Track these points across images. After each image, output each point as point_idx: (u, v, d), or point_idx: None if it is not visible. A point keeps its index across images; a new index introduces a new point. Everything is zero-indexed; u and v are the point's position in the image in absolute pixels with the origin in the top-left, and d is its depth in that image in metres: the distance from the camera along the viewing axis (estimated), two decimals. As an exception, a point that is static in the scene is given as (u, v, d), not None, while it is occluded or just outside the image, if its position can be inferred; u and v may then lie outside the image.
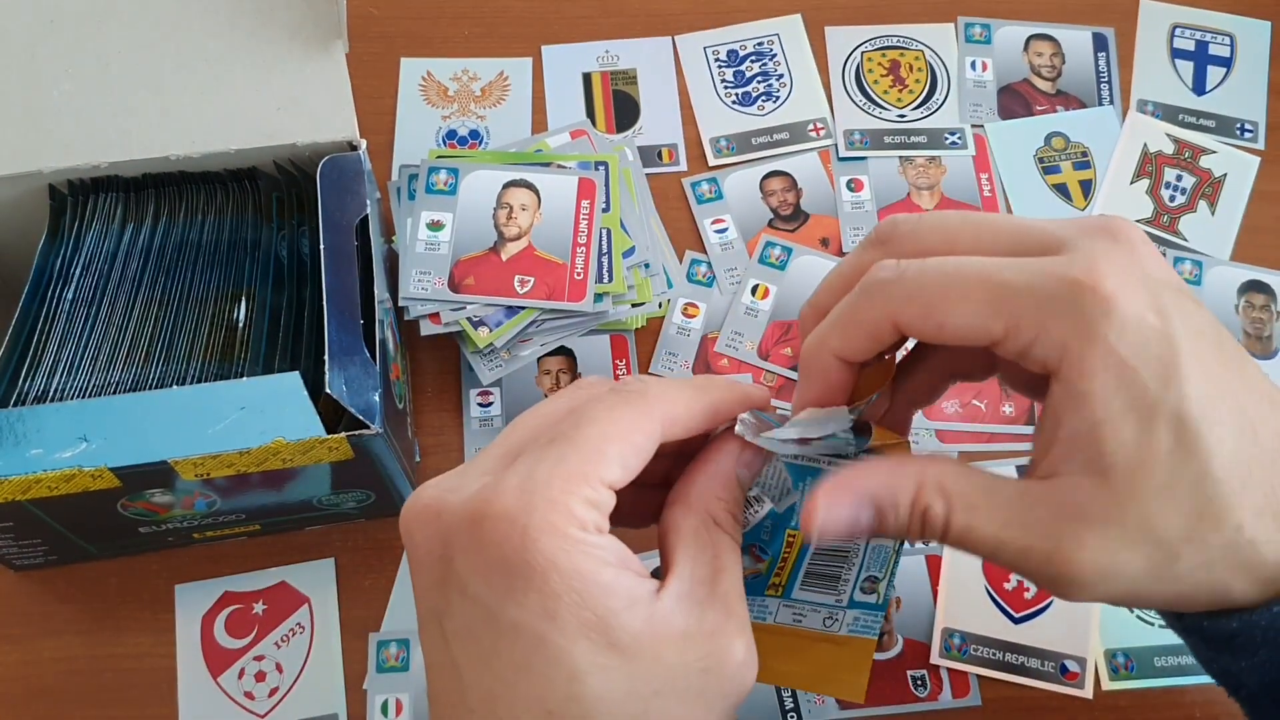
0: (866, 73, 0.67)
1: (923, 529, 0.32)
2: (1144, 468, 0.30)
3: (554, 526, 0.30)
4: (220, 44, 0.52)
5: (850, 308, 0.34)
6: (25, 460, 0.42)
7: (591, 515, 0.31)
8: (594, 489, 0.31)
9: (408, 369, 0.56)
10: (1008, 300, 0.31)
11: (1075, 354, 0.30)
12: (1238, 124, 0.66)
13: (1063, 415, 0.31)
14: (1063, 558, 0.31)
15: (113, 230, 0.50)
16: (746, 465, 0.35)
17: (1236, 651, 0.34)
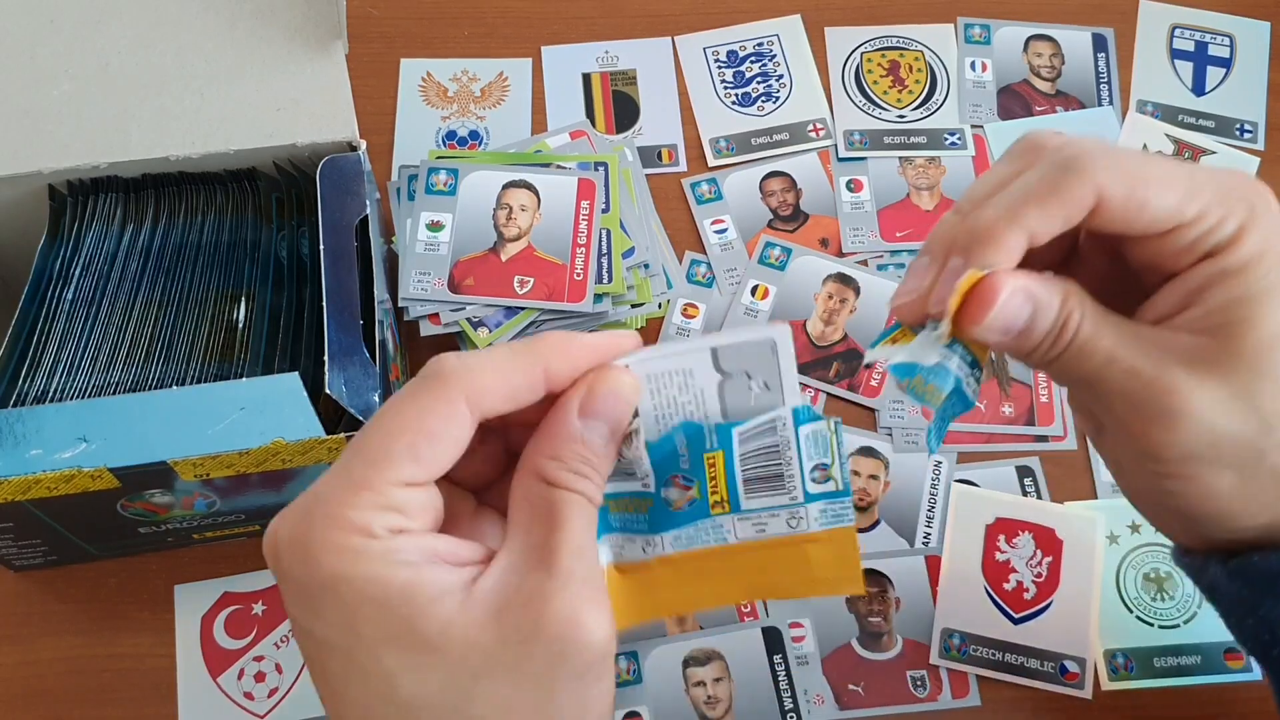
0: (866, 73, 0.67)
1: (1059, 333, 0.34)
2: (1270, 346, 0.32)
3: (334, 543, 0.29)
4: (220, 44, 0.52)
5: (1051, 180, 0.33)
6: (25, 460, 0.42)
7: (382, 519, 0.29)
8: (379, 493, 0.29)
9: (407, 370, 0.56)
10: (1202, 187, 0.33)
11: (1246, 238, 0.33)
12: (1237, 124, 0.66)
13: (1210, 285, 0.33)
14: (1165, 386, 0.33)
15: (112, 231, 0.50)
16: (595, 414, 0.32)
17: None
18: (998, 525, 0.54)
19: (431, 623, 0.29)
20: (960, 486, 0.55)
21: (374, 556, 0.29)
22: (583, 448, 0.32)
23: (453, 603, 0.29)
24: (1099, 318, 0.34)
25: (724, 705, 0.50)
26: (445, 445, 0.30)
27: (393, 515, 0.30)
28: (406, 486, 0.30)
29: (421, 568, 0.30)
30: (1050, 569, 0.53)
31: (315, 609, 0.30)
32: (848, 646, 0.52)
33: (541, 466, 0.31)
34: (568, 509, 0.31)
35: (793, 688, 0.50)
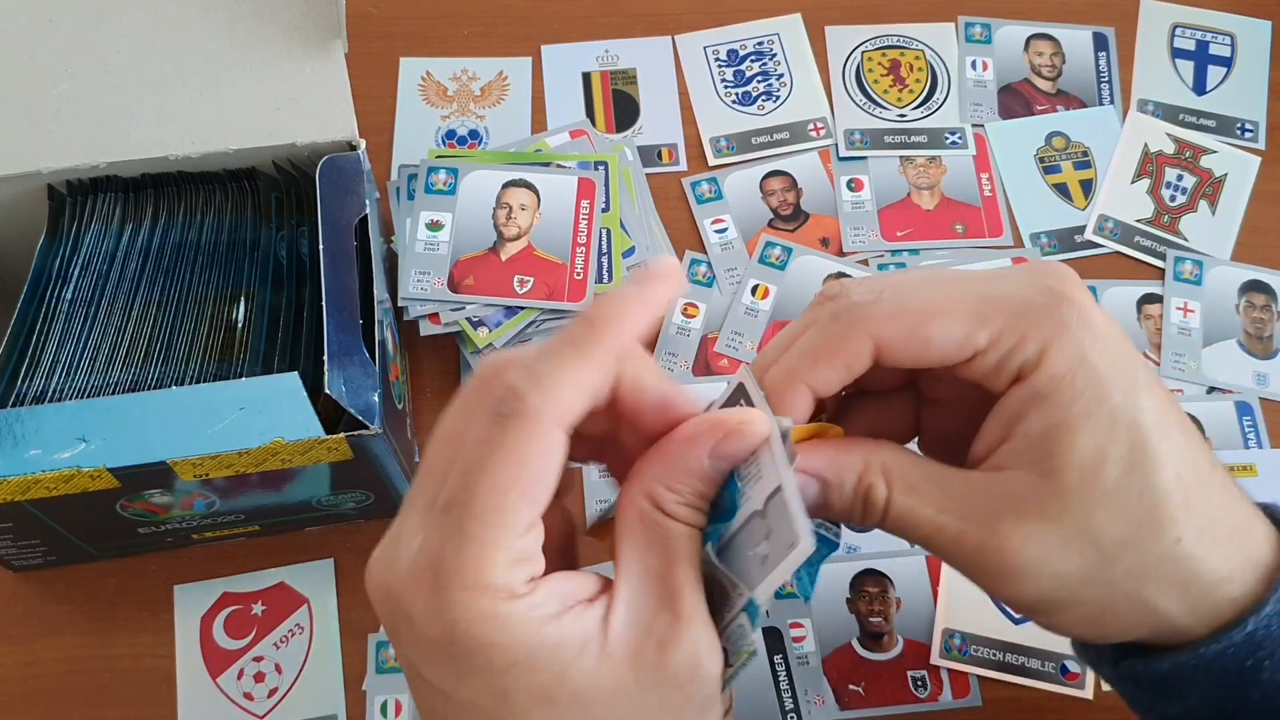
0: (866, 72, 0.67)
1: (865, 509, 0.33)
2: (1094, 471, 0.31)
3: (479, 611, 0.28)
4: (219, 44, 0.52)
5: (825, 335, 0.33)
6: (24, 461, 0.42)
7: (517, 574, 0.29)
8: (508, 549, 0.28)
9: (407, 369, 0.56)
10: (991, 310, 0.31)
11: (1052, 355, 0.31)
12: (1238, 124, 0.66)
13: (1024, 413, 0.31)
14: (995, 546, 0.31)
15: (111, 230, 0.50)
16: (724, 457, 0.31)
17: (1171, 695, 0.34)
18: (998, 525, 0.54)
19: (580, 676, 0.29)
20: (961, 486, 0.55)
21: (521, 619, 0.29)
22: (703, 484, 0.31)
23: (595, 650, 0.29)
24: (917, 484, 0.32)
25: (724, 705, 0.50)
26: (552, 478, 0.29)
27: (528, 565, 0.29)
28: (526, 531, 0.29)
29: (563, 619, 0.29)
30: (1051, 569, 0.53)
31: (460, 674, 0.29)
32: (848, 646, 0.51)
33: (660, 496, 0.31)
34: (685, 543, 0.31)
35: (793, 688, 0.50)
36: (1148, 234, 0.62)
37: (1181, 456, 0.31)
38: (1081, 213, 0.63)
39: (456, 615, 0.28)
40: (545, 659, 0.29)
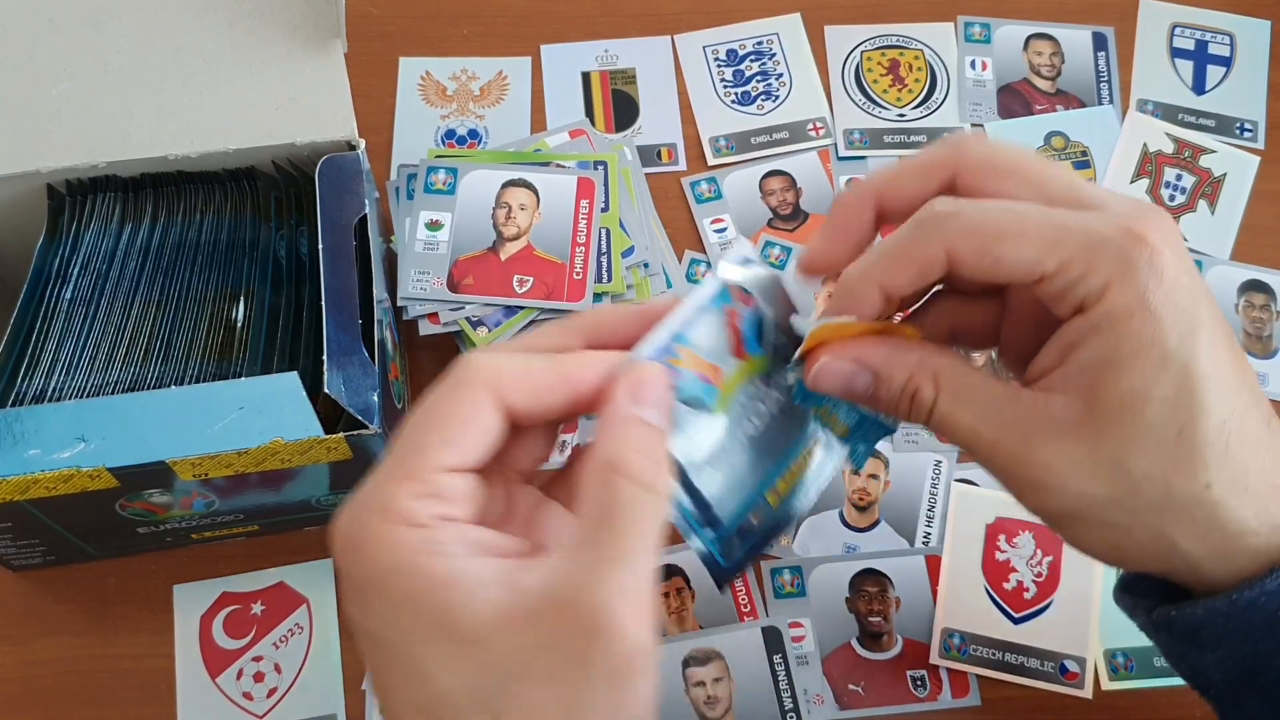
0: (866, 72, 0.67)
1: (911, 407, 0.34)
2: (1135, 407, 0.32)
3: (381, 535, 0.30)
4: (219, 44, 0.52)
5: (904, 240, 0.34)
6: (23, 460, 0.42)
7: (424, 507, 0.30)
8: (422, 480, 0.30)
9: (406, 369, 0.56)
10: (1064, 238, 0.32)
11: (1114, 292, 0.32)
12: (1237, 123, 0.66)
13: (1079, 343, 0.32)
14: (1028, 459, 0.33)
15: (111, 230, 0.50)
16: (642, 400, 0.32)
17: (1203, 644, 0.35)
18: (998, 525, 0.54)
19: (468, 617, 0.29)
20: (960, 486, 0.55)
21: (418, 548, 0.30)
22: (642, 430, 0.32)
23: (492, 596, 0.29)
24: (961, 391, 0.34)
25: (724, 705, 0.50)
26: (476, 432, 0.31)
27: (436, 502, 0.31)
28: (447, 472, 0.31)
29: (463, 559, 0.30)
30: (1050, 568, 0.53)
31: (365, 604, 0.31)
32: (848, 646, 0.51)
33: (614, 455, 0.31)
34: (640, 508, 0.31)
35: (793, 687, 0.50)
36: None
37: (1231, 408, 0.32)
38: (1081, 212, 0.63)
39: (363, 537, 0.30)
40: (435, 593, 0.29)
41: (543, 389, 0.32)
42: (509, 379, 0.32)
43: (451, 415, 0.31)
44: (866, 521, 0.54)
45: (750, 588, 0.52)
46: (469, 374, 0.32)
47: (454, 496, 0.31)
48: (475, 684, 0.29)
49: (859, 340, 0.35)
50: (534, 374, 0.32)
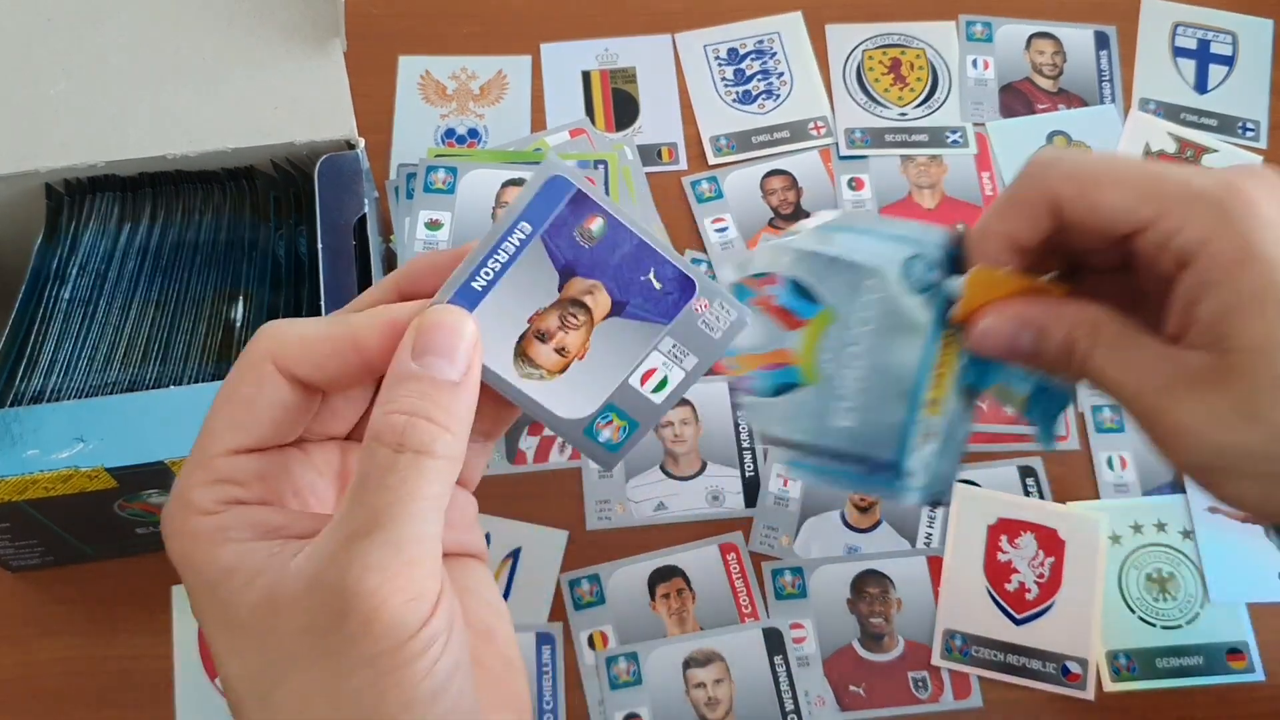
0: (867, 71, 0.67)
1: (1067, 359, 0.35)
2: (1265, 353, 0.32)
3: (181, 528, 0.30)
4: (218, 43, 0.52)
5: (1011, 188, 0.36)
6: (22, 461, 0.41)
7: (213, 493, 0.30)
8: (209, 468, 0.30)
9: (406, 369, 0.56)
10: (1160, 189, 0.33)
11: (1216, 244, 0.32)
12: (1240, 123, 0.66)
13: (1197, 299, 0.33)
14: (1165, 410, 0.33)
15: (109, 230, 0.50)
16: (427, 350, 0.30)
17: None
18: (1000, 526, 0.54)
19: (243, 606, 0.28)
20: (962, 487, 0.55)
21: (206, 537, 0.29)
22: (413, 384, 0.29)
23: (265, 582, 0.28)
24: (1113, 343, 0.34)
25: (724, 707, 0.50)
26: (262, 409, 0.30)
27: (224, 487, 0.30)
28: (233, 455, 0.30)
29: (245, 545, 0.29)
30: (1052, 569, 0.53)
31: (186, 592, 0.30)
32: (849, 647, 0.51)
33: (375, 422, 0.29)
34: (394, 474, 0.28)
35: (793, 689, 0.50)
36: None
37: None
38: (1083, 212, 0.63)
39: (168, 530, 0.30)
40: (218, 583, 0.29)
41: (324, 357, 0.30)
42: (291, 350, 0.30)
43: (236, 395, 0.30)
44: (868, 522, 0.54)
45: (751, 589, 0.52)
46: (253, 349, 0.31)
47: (243, 479, 0.30)
48: (251, 671, 0.29)
49: (1017, 299, 0.35)
50: (313, 342, 0.30)
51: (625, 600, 0.52)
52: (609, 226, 0.32)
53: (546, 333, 0.32)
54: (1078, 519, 0.54)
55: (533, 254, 0.31)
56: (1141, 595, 0.52)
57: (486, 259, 0.31)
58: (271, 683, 0.29)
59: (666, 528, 0.54)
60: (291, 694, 0.28)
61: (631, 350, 0.32)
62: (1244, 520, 0.54)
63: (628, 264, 0.32)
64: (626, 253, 0.32)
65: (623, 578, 0.52)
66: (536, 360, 0.32)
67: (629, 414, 0.32)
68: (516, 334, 0.32)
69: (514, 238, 0.31)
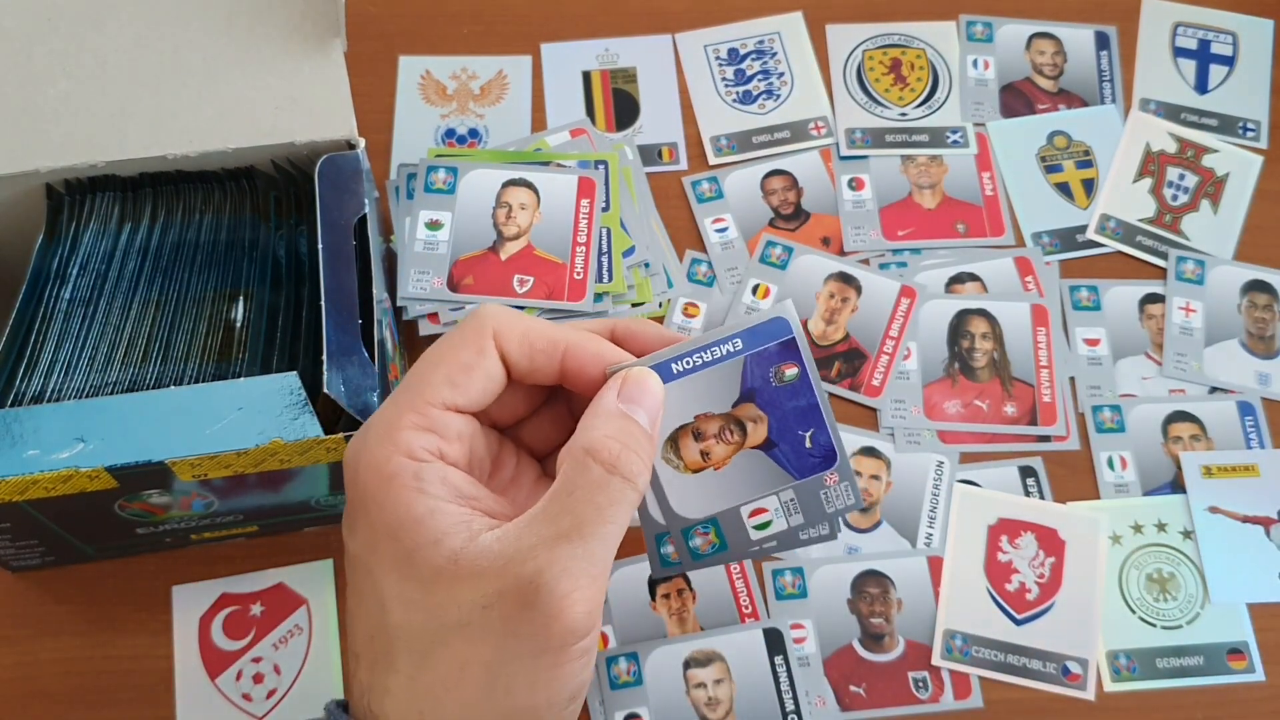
0: (868, 71, 0.67)
1: None
2: None
3: (376, 462, 0.31)
4: (218, 43, 0.52)
5: None
6: (22, 461, 0.41)
7: (420, 440, 0.32)
8: (419, 413, 0.32)
9: (406, 369, 0.56)
10: None
11: None
12: (1240, 123, 0.66)
13: None
14: None
15: (110, 230, 0.50)
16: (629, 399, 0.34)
17: None
18: (1000, 526, 0.54)
19: (427, 563, 0.30)
20: (962, 487, 0.55)
21: (403, 482, 0.31)
22: (623, 422, 0.33)
23: (455, 545, 0.30)
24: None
25: (725, 707, 0.50)
26: (477, 376, 0.33)
27: (432, 437, 0.32)
28: (445, 410, 0.33)
29: (440, 502, 0.31)
30: (1053, 570, 0.53)
31: (354, 524, 0.32)
32: (849, 647, 0.51)
33: (589, 440, 0.32)
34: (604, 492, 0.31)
35: (794, 689, 0.50)
36: (1149, 233, 0.62)
37: None
38: (1083, 212, 0.63)
39: (361, 460, 0.32)
40: (406, 530, 0.31)
41: (539, 350, 0.34)
42: (514, 333, 0.34)
43: (456, 358, 0.33)
44: (868, 522, 0.54)
45: (751, 589, 0.52)
46: (479, 322, 0.34)
47: (450, 435, 0.33)
48: (416, 624, 0.31)
49: None
50: (535, 334, 0.34)
51: (626, 600, 0.52)
52: (800, 379, 0.35)
53: (703, 434, 0.36)
54: (1078, 519, 0.54)
55: (730, 367, 0.35)
56: (1142, 595, 0.52)
57: (694, 351, 0.35)
58: (435, 641, 0.30)
59: (667, 528, 0.54)
60: (452, 659, 0.30)
61: (758, 484, 0.36)
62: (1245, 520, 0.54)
63: (796, 415, 0.35)
64: (800, 406, 0.35)
65: (623, 578, 0.52)
66: (682, 452, 0.36)
67: (725, 536, 0.36)
68: (679, 422, 0.35)
69: (724, 347, 0.35)
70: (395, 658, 0.31)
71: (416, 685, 0.31)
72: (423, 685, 0.31)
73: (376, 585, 0.31)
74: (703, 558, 0.36)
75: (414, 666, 0.31)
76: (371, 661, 0.32)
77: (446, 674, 0.30)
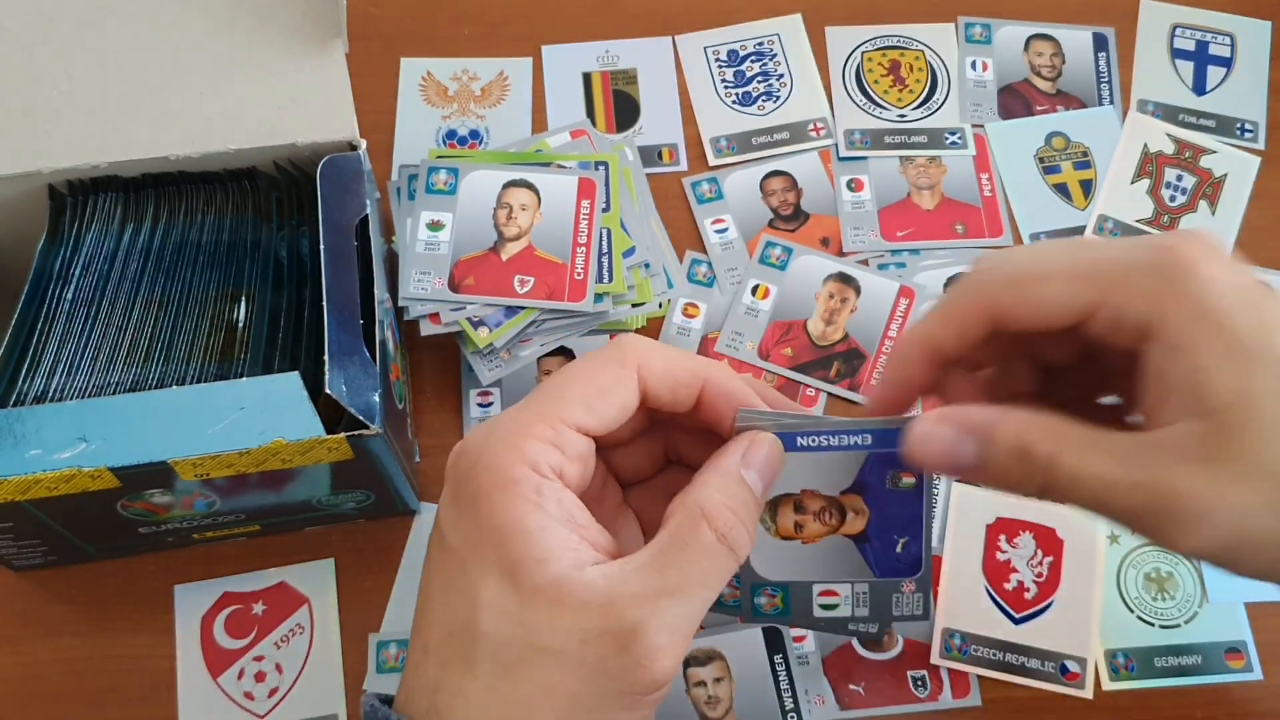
0: (867, 72, 0.67)
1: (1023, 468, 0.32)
2: (1249, 406, 0.30)
3: (499, 464, 0.32)
4: (220, 44, 0.52)
5: (945, 299, 0.35)
6: (24, 460, 0.41)
7: (546, 454, 0.32)
8: (551, 427, 0.32)
9: (407, 369, 0.56)
10: (1098, 270, 0.32)
11: (1169, 310, 0.31)
12: (1238, 124, 0.66)
13: (1164, 370, 0.31)
14: (1172, 494, 0.30)
15: (112, 230, 0.50)
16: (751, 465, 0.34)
17: None
18: (998, 525, 0.54)
19: (531, 579, 0.31)
20: (961, 486, 0.55)
21: (522, 492, 0.31)
22: (741, 491, 0.33)
23: (562, 569, 0.31)
24: (1085, 442, 0.32)
25: (724, 705, 0.50)
26: (612, 402, 0.34)
27: (557, 453, 0.32)
28: (575, 430, 0.33)
29: (553, 522, 0.31)
30: (1051, 569, 0.53)
31: (458, 515, 0.32)
32: (848, 646, 0.51)
33: (707, 502, 0.33)
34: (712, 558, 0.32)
35: (793, 688, 0.50)
36: (1149, 234, 0.62)
37: None
38: (1081, 213, 0.63)
39: (483, 456, 0.32)
40: (515, 540, 0.31)
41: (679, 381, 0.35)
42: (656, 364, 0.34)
43: (594, 382, 0.34)
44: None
45: (751, 588, 0.52)
46: (624, 352, 0.34)
47: (573, 454, 0.33)
48: (508, 636, 0.31)
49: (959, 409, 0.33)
50: (676, 364, 0.35)
51: (626, 600, 0.52)
52: (914, 489, 0.36)
53: (804, 509, 0.36)
54: (1076, 518, 0.54)
55: (851, 457, 0.36)
56: (1140, 594, 0.53)
57: (824, 432, 0.35)
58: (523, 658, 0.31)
59: (667, 527, 0.54)
60: (540, 680, 0.31)
61: (839, 570, 0.36)
62: None
63: (897, 521, 0.36)
64: (904, 514, 0.36)
65: (623, 577, 0.52)
66: (778, 517, 0.36)
67: (790, 604, 0.37)
68: (785, 490, 0.36)
69: (854, 438, 0.35)
70: (476, 662, 0.31)
71: (495, 695, 0.31)
72: (501, 696, 0.31)
73: (471, 584, 0.31)
74: (763, 616, 0.37)
75: (495, 676, 0.31)
76: (445, 660, 0.32)
77: (530, 693, 0.31)
